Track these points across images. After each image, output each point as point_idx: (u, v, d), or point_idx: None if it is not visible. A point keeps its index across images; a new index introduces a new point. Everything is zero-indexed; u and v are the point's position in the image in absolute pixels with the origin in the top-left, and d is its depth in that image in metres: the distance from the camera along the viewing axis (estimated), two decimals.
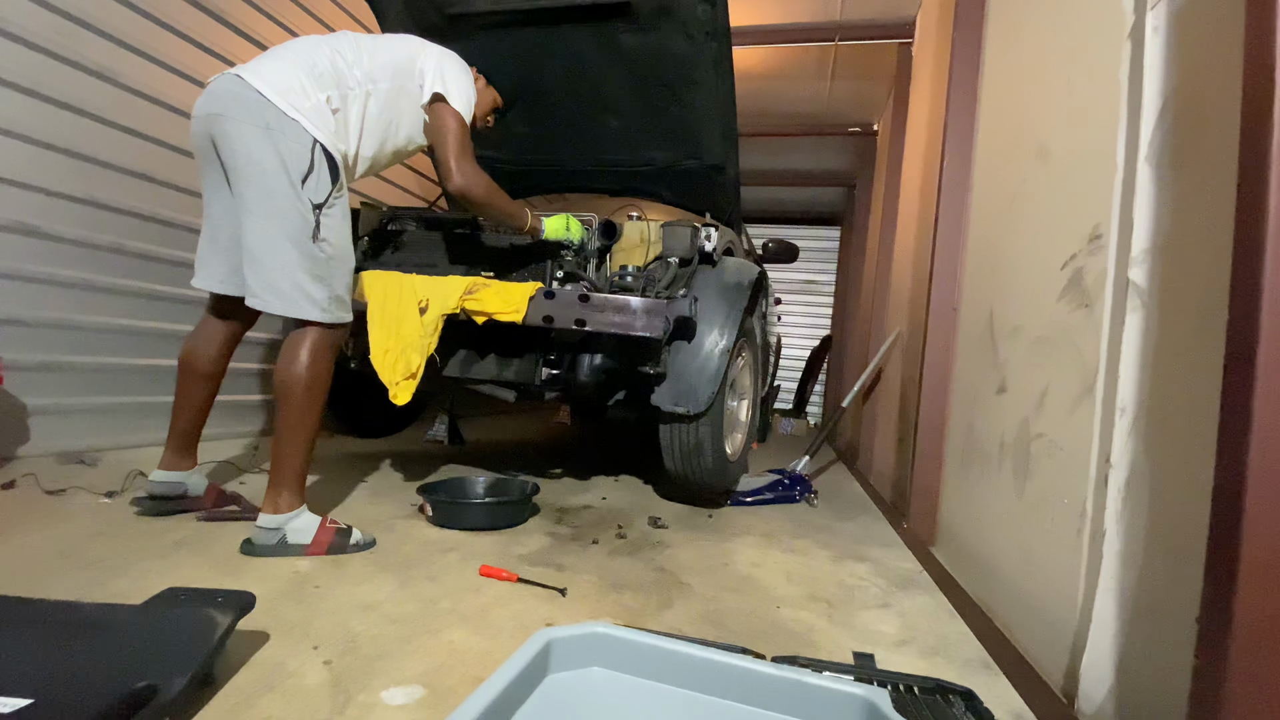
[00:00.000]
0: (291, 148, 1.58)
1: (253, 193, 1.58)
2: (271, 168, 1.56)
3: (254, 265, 1.61)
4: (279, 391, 1.65)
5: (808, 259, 7.96)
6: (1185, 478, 0.91)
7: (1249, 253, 0.76)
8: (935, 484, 2.18)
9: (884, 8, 4.08)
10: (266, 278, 1.60)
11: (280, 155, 1.56)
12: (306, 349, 1.65)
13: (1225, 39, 0.91)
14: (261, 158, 1.56)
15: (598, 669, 0.92)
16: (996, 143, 2.03)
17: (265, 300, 1.62)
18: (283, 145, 1.57)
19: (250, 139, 1.56)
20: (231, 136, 1.57)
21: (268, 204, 1.57)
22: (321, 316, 1.65)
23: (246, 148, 1.56)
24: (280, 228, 1.58)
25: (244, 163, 1.57)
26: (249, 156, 1.56)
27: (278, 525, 1.61)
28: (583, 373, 2.30)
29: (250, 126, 1.56)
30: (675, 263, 2.36)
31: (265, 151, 1.56)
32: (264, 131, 1.56)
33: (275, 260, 1.60)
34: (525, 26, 2.56)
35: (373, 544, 1.74)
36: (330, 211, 1.64)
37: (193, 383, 1.82)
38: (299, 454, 1.66)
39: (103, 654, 0.93)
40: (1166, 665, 0.89)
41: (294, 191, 1.58)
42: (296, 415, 1.64)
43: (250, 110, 1.56)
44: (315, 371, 1.65)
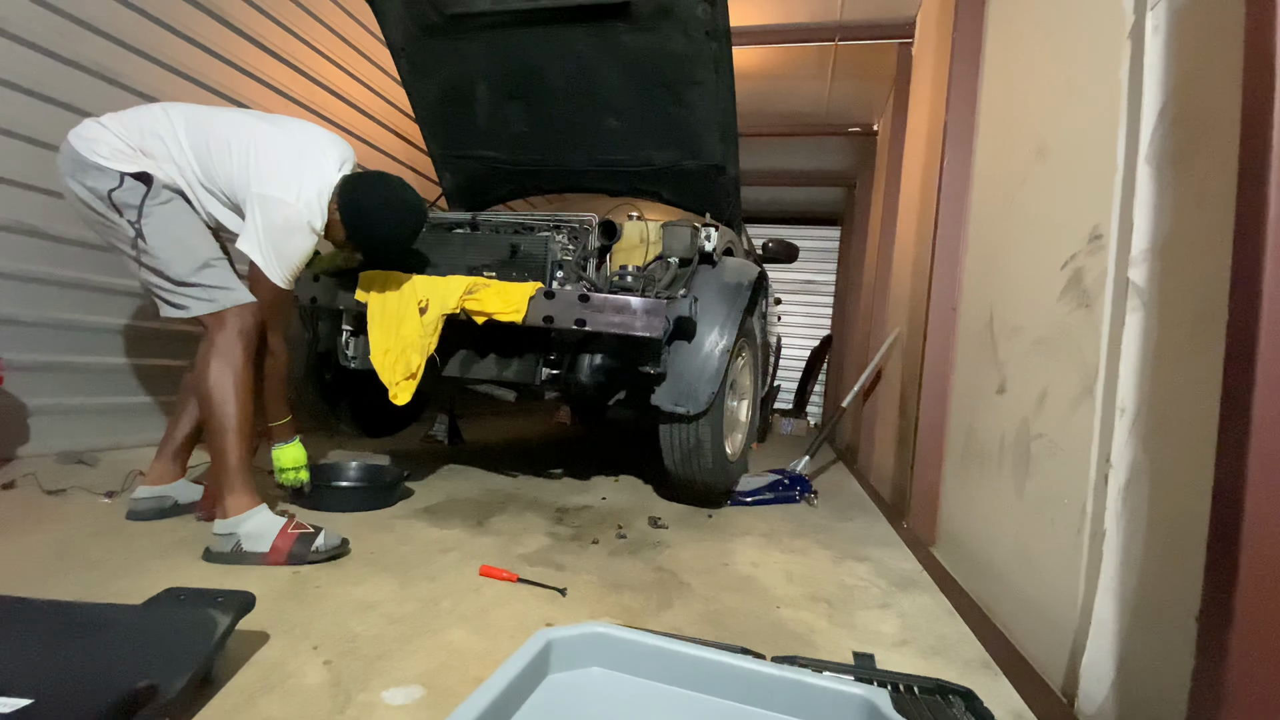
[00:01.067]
0: (97, 180, 1.60)
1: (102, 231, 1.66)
2: (86, 198, 1.61)
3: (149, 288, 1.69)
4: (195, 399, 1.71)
5: (808, 259, 7.97)
6: (1185, 478, 0.91)
7: (1249, 253, 0.76)
8: (935, 484, 2.18)
9: (884, 8, 4.08)
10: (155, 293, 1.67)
11: (90, 189, 1.60)
12: (202, 349, 1.65)
13: (1225, 39, 0.91)
14: (87, 199, 1.61)
15: (598, 669, 0.92)
16: (996, 143, 2.03)
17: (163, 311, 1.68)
18: (88, 181, 1.60)
19: (70, 188, 1.62)
20: (67, 191, 1.63)
21: (111, 234, 1.65)
22: (204, 310, 1.63)
23: (71, 195, 1.63)
24: (123, 249, 1.65)
25: (82, 212, 1.65)
26: (74, 201, 1.63)
27: (230, 530, 1.56)
28: (583, 373, 2.30)
29: (67, 179, 1.62)
30: (675, 263, 2.36)
31: (80, 192, 1.61)
32: (71, 178, 1.61)
33: (142, 277, 1.67)
34: (525, 26, 2.56)
35: (341, 545, 1.64)
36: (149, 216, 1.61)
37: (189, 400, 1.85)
38: (228, 455, 1.59)
39: (103, 654, 0.93)
40: (1166, 665, 0.89)
41: (109, 209, 1.61)
42: (210, 417, 1.60)
43: (65, 164, 1.62)
44: (214, 371, 1.60)
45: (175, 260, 1.63)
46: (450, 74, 2.84)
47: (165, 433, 1.85)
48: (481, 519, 2.10)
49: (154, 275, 1.65)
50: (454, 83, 2.88)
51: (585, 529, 2.10)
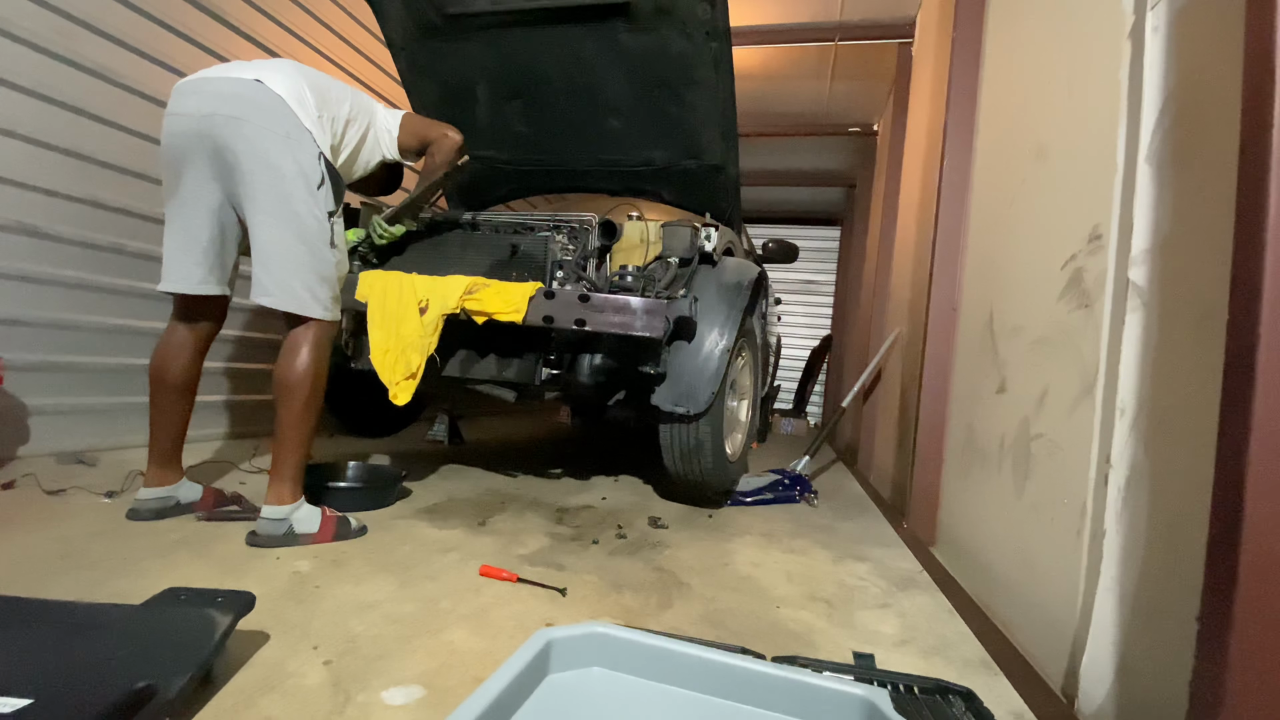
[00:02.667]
0: (306, 159, 1.64)
1: (269, 197, 1.62)
2: (290, 174, 1.61)
3: (269, 264, 1.65)
4: (282, 388, 1.68)
5: (808, 259, 7.98)
6: (1185, 478, 0.91)
7: (1249, 253, 0.76)
8: (935, 484, 2.18)
9: (884, 8, 4.08)
10: (280, 278, 1.66)
11: (299, 164, 1.62)
12: (309, 346, 1.70)
13: (1225, 39, 0.91)
14: (280, 163, 1.60)
15: (598, 669, 0.92)
16: (996, 143, 2.03)
17: (278, 299, 1.67)
18: (300, 155, 1.62)
19: (269, 144, 1.60)
20: (251, 140, 1.59)
21: (285, 209, 1.63)
22: (325, 315, 1.73)
23: (265, 153, 1.59)
24: (297, 232, 1.65)
25: (260, 167, 1.60)
26: (267, 161, 1.60)
27: (284, 516, 1.67)
28: (583, 373, 2.30)
29: (270, 132, 1.59)
30: (675, 263, 2.36)
31: (284, 158, 1.60)
32: (283, 139, 1.60)
33: (290, 261, 1.66)
34: (525, 26, 2.56)
35: (365, 531, 1.85)
36: (338, 220, 1.74)
37: (168, 395, 1.79)
38: (301, 448, 1.71)
39: (103, 654, 0.93)
40: (1166, 665, 0.89)
41: (311, 199, 1.65)
42: (299, 411, 1.69)
43: (272, 116, 1.60)
44: (318, 368, 1.72)
45: (343, 270, 1.80)
46: (450, 74, 2.84)
47: (150, 436, 1.80)
48: (481, 519, 2.10)
49: (315, 272, 1.68)
50: (454, 83, 2.88)
51: (585, 529, 2.10)
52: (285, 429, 1.69)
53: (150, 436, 1.81)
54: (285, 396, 1.68)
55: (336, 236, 1.74)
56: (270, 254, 1.65)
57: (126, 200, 2.48)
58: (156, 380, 1.80)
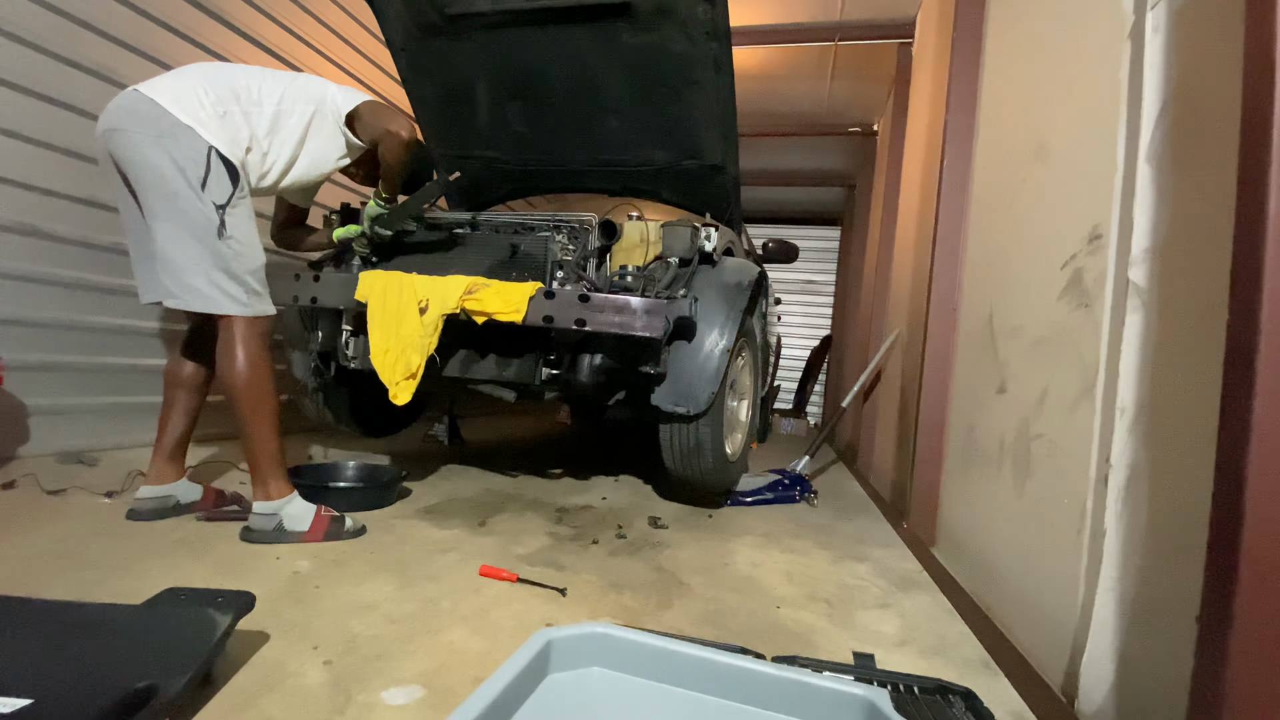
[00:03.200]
0: (186, 154, 1.60)
1: (155, 199, 1.61)
2: (169, 173, 1.59)
3: (167, 267, 1.64)
4: (227, 391, 1.69)
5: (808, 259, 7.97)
6: (1185, 478, 0.91)
7: (1249, 253, 0.76)
8: (935, 484, 2.18)
9: (884, 8, 4.08)
10: (181, 278, 1.64)
11: (175, 161, 1.59)
12: (238, 344, 1.68)
13: (1225, 39, 0.91)
14: (158, 163, 1.59)
15: (598, 669, 0.92)
16: (996, 143, 2.03)
17: (184, 300, 1.65)
18: (176, 152, 1.59)
19: (145, 148, 1.59)
20: (126, 148, 1.60)
21: (171, 207, 1.61)
22: (243, 310, 1.69)
23: (143, 156, 1.59)
24: (187, 228, 1.62)
25: (142, 172, 1.60)
26: (145, 164, 1.59)
27: (274, 511, 1.68)
28: (583, 373, 2.30)
29: (143, 136, 1.59)
30: (675, 263, 2.36)
31: (159, 158, 1.59)
32: (156, 139, 1.59)
33: (186, 260, 1.63)
34: (525, 26, 2.56)
35: (364, 531, 1.84)
36: (234, 211, 1.67)
37: (181, 393, 1.84)
38: (266, 443, 1.70)
39: (103, 654, 0.93)
40: (1166, 665, 0.89)
41: (194, 194, 1.61)
42: (250, 407, 1.68)
43: (143, 121, 1.59)
44: (255, 364, 1.69)
45: (252, 261, 1.72)
46: (450, 74, 2.84)
47: (157, 433, 1.84)
48: (481, 519, 2.10)
49: (217, 267, 1.64)
50: (454, 83, 2.88)
51: (585, 529, 2.10)
52: (244, 429, 1.69)
53: (158, 433, 1.83)
54: (232, 398, 1.68)
55: (232, 227, 1.65)
56: (165, 255, 1.63)
57: None
58: (169, 379, 1.84)
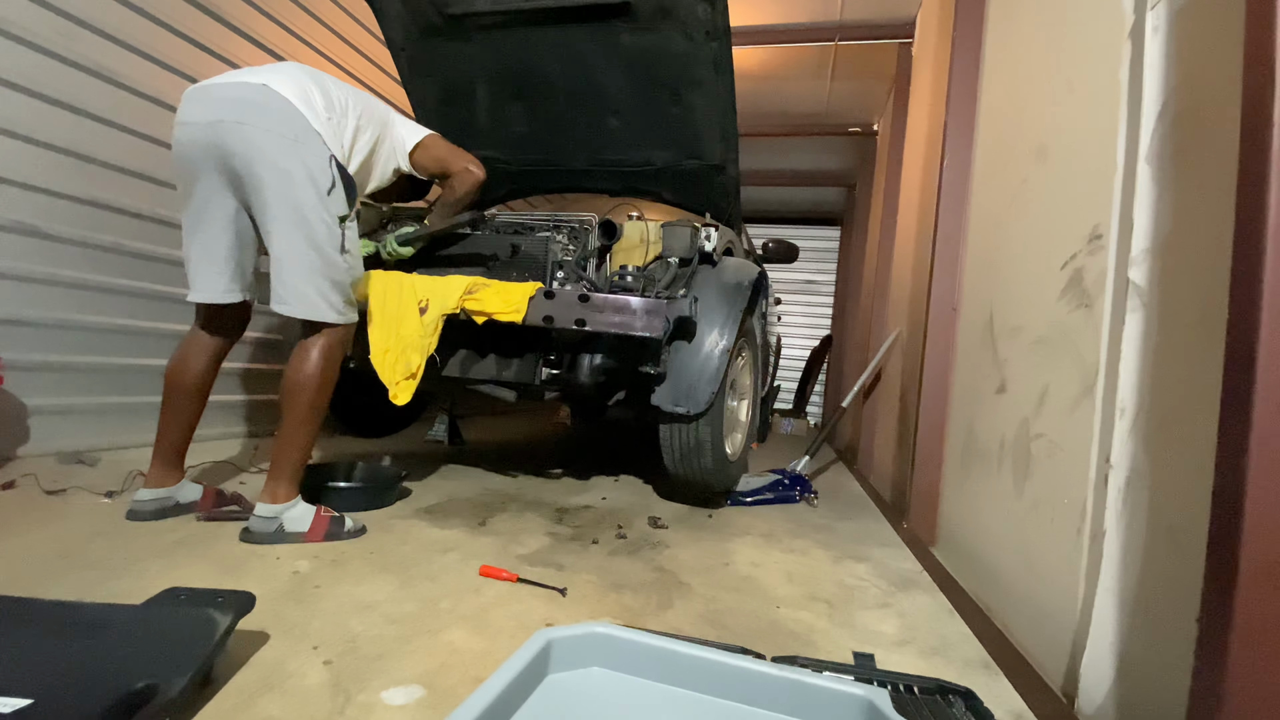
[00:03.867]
0: (316, 162, 1.62)
1: (280, 203, 1.60)
2: (300, 179, 1.59)
3: (283, 274, 1.65)
4: (290, 390, 1.69)
5: (808, 259, 7.98)
6: (1185, 478, 0.91)
7: (1249, 253, 0.76)
8: (935, 484, 2.18)
9: (884, 8, 4.08)
10: (294, 285, 1.66)
11: (307, 167, 1.60)
12: (320, 350, 1.71)
13: (1225, 39, 0.91)
14: (289, 167, 1.59)
15: (598, 669, 0.92)
16: (996, 143, 2.03)
17: (293, 307, 1.67)
18: (309, 158, 1.61)
19: (277, 148, 1.58)
20: (258, 146, 1.57)
21: (295, 214, 1.61)
22: (338, 320, 1.73)
23: (273, 157, 1.58)
24: (308, 237, 1.63)
25: (269, 172, 1.58)
26: (275, 166, 1.58)
27: (275, 514, 1.68)
28: (583, 373, 2.30)
29: (277, 136, 1.58)
30: (675, 263, 2.36)
31: (293, 162, 1.59)
32: (292, 143, 1.58)
33: (303, 267, 1.65)
34: (525, 26, 2.56)
35: (363, 531, 1.83)
36: (351, 225, 1.73)
37: (182, 397, 1.82)
38: (302, 450, 1.72)
39: (103, 654, 0.93)
40: (1166, 665, 0.89)
41: (321, 204, 1.63)
42: (305, 413, 1.70)
43: (279, 120, 1.58)
44: (328, 372, 1.73)
45: (356, 270, 1.78)
46: (450, 74, 2.84)
47: (157, 435, 1.82)
48: (482, 519, 2.10)
49: (328, 277, 1.68)
50: (454, 83, 2.88)
51: (585, 529, 2.10)
52: (288, 430, 1.70)
53: (157, 436, 1.82)
54: (292, 398, 1.69)
55: (349, 241, 1.72)
56: (284, 262, 1.64)
57: (126, 200, 2.48)
58: (172, 381, 1.82)
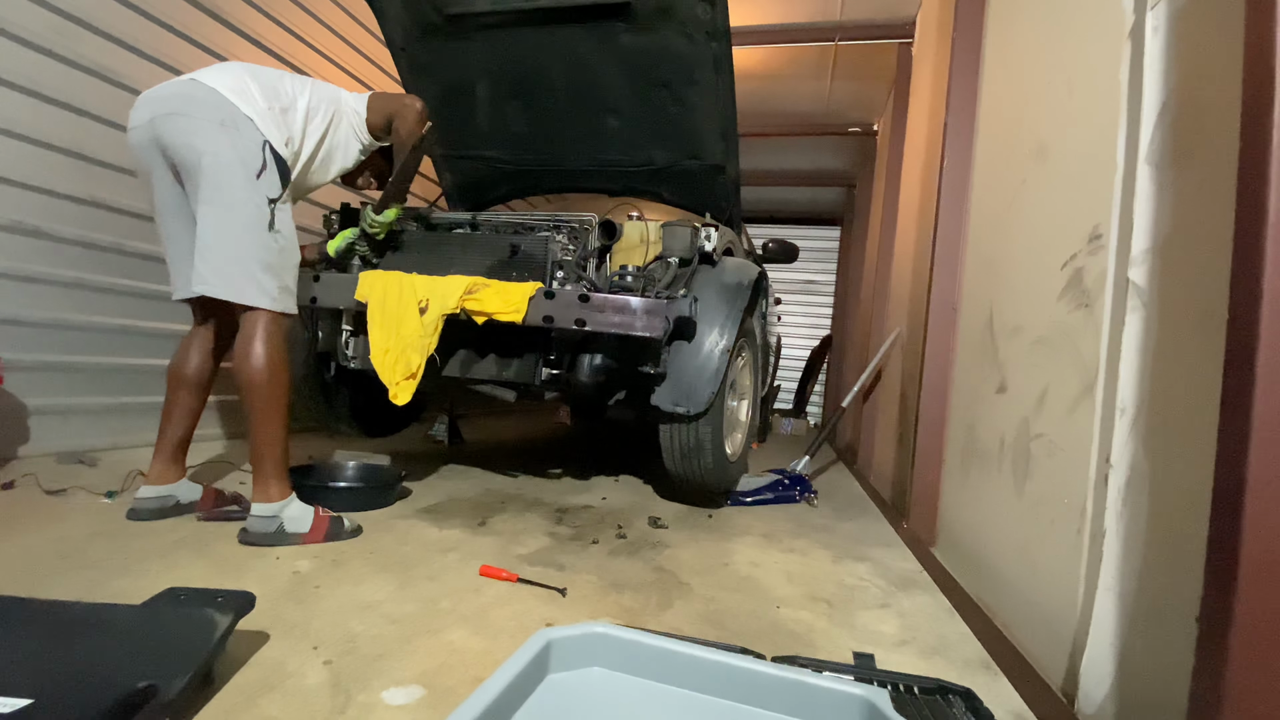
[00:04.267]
0: (246, 145, 1.62)
1: (208, 185, 1.61)
2: (227, 161, 1.60)
3: (206, 253, 1.64)
4: (242, 385, 1.68)
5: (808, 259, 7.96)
6: (1185, 478, 0.91)
7: (1249, 253, 0.76)
8: (935, 484, 2.18)
9: (884, 8, 4.08)
10: (218, 265, 1.64)
11: (235, 150, 1.61)
12: (260, 339, 1.68)
13: (1225, 39, 0.91)
14: (217, 150, 1.59)
15: (598, 669, 0.92)
16: (996, 143, 2.03)
17: (214, 286, 1.65)
18: (237, 141, 1.61)
19: (206, 133, 1.59)
20: (187, 132, 1.59)
21: (224, 196, 1.61)
22: (272, 305, 1.70)
23: (203, 141, 1.59)
24: (236, 218, 1.63)
25: (198, 156, 1.60)
26: (204, 149, 1.59)
27: (274, 513, 1.67)
28: (583, 373, 2.30)
29: (205, 122, 1.59)
30: (675, 263, 2.36)
31: (221, 145, 1.60)
32: (219, 126, 1.60)
33: (229, 249, 1.64)
34: (525, 26, 2.56)
35: (360, 531, 1.83)
36: (283, 206, 1.71)
37: (184, 393, 1.83)
38: (276, 442, 1.69)
39: (103, 654, 0.93)
40: (1166, 665, 0.89)
41: (250, 185, 1.62)
42: (264, 405, 1.68)
43: (205, 107, 1.60)
44: (274, 360, 1.69)
45: (291, 259, 1.75)
46: (450, 74, 2.84)
47: (159, 432, 1.84)
48: (481, 519, 2.10)
49: (258, 260, 1.66)
50: (454, 82, 2.88)
51: (585, 529, 2.10)
52: (254, 426, 1.68)
53: (159, 433, 1.83)
54: (246, 393, 1.67)
55: (279, 222, 1.69)
56: (208, 241, 1.63)
57: (126, 200, 2.48)
58: (173, 379, 1.83)
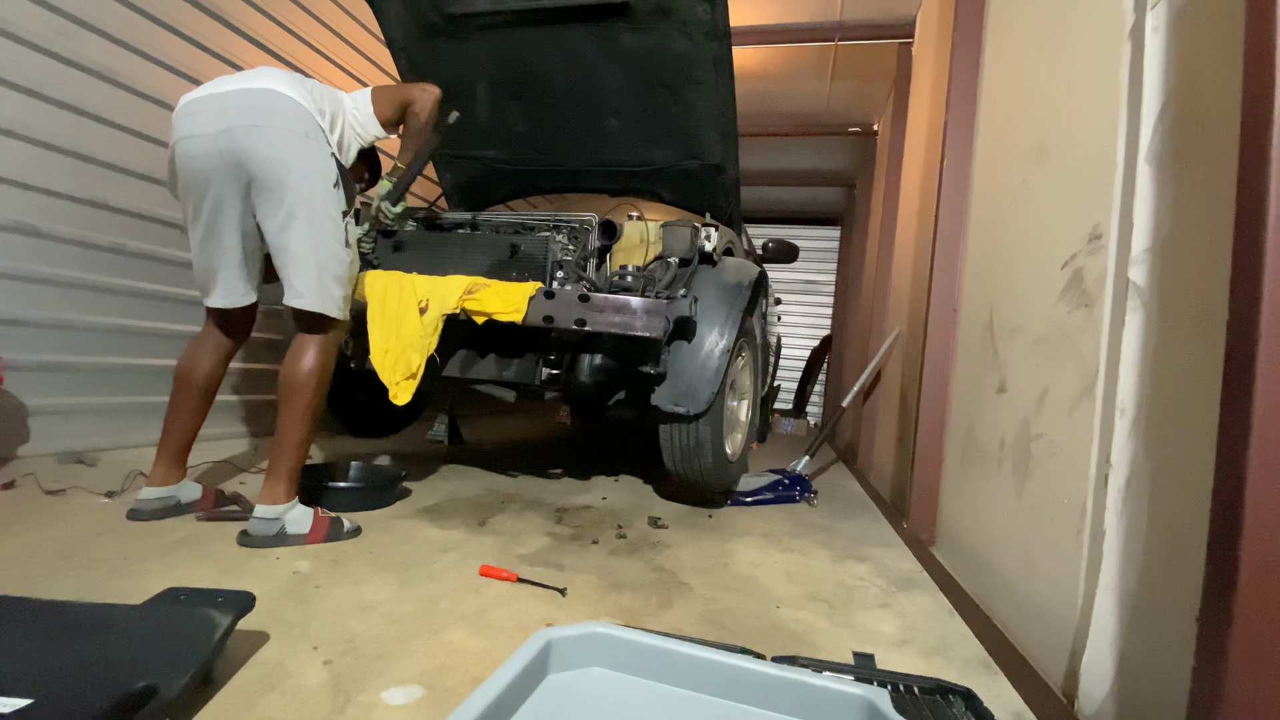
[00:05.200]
0: (324, 158, 1.65)
1: (296, 199, 1.61)
2: (313, 174, 1.61)
3: (300, 267, 1.66)
4: (289, 388, 1.69)
5: (808, 259, 7.97)
6: (1185, 478, 0.91)
7: (1249, 253, 0.76)
8: (935, 484, 2.18)
9: (884, 8, 4.08)
10: (312, 279, 1.67)
11: (319, 163, 1.63)
12: (319, 347, 1.71)
13: (1225, 39, 0.91)
14: (304, 164, 1.61)
15: (598, 669, 0.92)
16: (996, 143, 2.03)
17: (310, 300, 1.68)
18: (319, 154, 1.63)
19: (293, 145, 1.60)
20: (275, 145, 1.58)
21: (308, 209, 1.63)
22: (339, 314, 1.75)
23: (292, 155, 1.59)
24: (323, 231, 1.66)
25: (285, 170, 1.59)
26: (291, 164, 1.59)
27: (277, 516, 1.67)
28: (583, 373, 2.30)
29: (291, 134, 1.59)
30: (675, 263, 2.36)
31: (307, 158, 1.61)
32: (304, 139, 1.61)
33: (317, 263, 1.66)
34: (525, 26, 2.56)
35: (359, 531, 1.84)
36: (350, 220, 1.74)
37: (192, 395, 1.84)
38: (300, 449, 1.72)
39: (103, 654, 0.93)
40: (1166, 665, 0.89)
41: (329, 199, 1.65)
42: (302, 411, 1.69)
43: (290, 119, 1.60)
44: (327, 369, 1.73)
45: (355, 265, 1.79)
46: (450, 74, 2.84)
47: (163, 434, 1.84)
48: (481, 519, 2.10)
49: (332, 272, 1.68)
50: (454, 83, 2.87)
51: (585, 529, 2.10)
52: (286, 429, 1.69)
53: (163, 434, 1.83)
54: (290, 396, 1.69)
55: (350, 236, 1.75)
56: (300, 257, 1.65)
57: (126, 200, 2.48)
58: (182, 380, 1.83)
